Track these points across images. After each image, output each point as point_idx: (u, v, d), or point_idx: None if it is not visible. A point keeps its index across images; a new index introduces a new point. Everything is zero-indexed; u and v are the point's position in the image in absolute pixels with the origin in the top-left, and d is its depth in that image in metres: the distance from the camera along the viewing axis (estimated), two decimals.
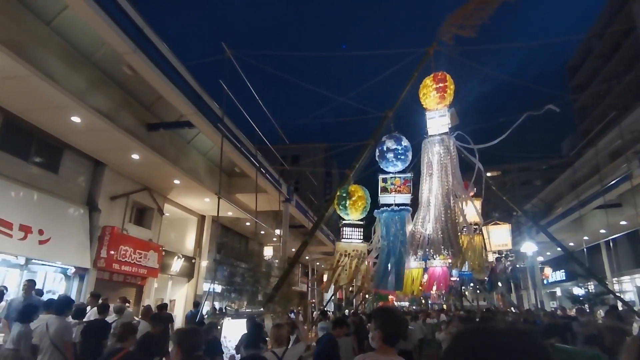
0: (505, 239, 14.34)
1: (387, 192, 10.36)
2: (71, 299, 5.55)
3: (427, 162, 10.03)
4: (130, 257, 12.32)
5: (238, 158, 11.68)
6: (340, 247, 10.45)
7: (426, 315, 17.45)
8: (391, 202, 10.31)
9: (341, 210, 10.65)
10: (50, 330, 4.54)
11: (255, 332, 5.20)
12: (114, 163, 11.45)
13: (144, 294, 13.46)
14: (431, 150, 9.90)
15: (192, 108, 8.85)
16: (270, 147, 11.94)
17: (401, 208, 10.09)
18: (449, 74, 10.49)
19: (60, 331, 4.57)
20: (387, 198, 10.39)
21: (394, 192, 10.25)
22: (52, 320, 4.66)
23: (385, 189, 10.41)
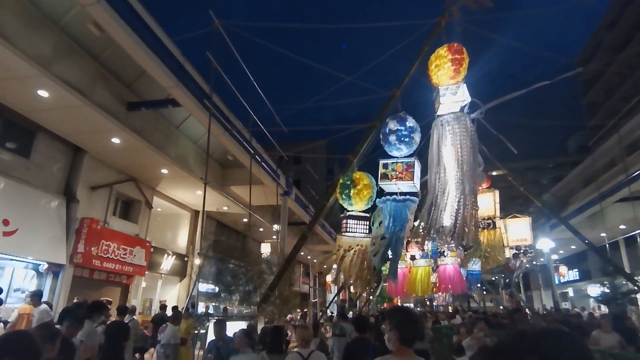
0: (525, 234, 12.99)
1: (387, 179, 9.15)
2: (101, 303, 5.34)
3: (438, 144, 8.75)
4: (114, 253, 11.17)
5: (229, 143, 10.52)
6: (343, 241, 9.21)
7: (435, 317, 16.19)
8: (394, 190, 9.10)
9: (344, 201, 9.41)
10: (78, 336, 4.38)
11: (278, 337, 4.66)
12: (94, 149, 10.32)
13: (130, 293, 12.29)
14: (443, 131, 8.64)
15: (173, 79, 7.72)
16: (265, 131, 10.78)
17: (405, 198, 8.88)
18: None
19: (84, 335, 4.44)
20: (388, 186, 9.20)
21: (395, 179, 9.03)
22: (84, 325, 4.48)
23: (385, 176, 9.19)
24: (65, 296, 9.64)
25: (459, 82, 9.12)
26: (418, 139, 9.56)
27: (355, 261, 9.05)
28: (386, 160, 9.28)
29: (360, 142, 10.31)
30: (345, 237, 9.39)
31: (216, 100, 9.50)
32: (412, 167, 9.00)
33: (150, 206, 13.03)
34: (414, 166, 8.96)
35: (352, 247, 9.21)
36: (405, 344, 1.92)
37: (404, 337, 1.92)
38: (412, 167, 8.97)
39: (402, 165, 9.01)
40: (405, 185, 9.09)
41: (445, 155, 8.47)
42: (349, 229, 9.48)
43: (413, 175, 8.90)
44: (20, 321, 6.61)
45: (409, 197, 8.84)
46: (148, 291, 13.82)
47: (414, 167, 8.96)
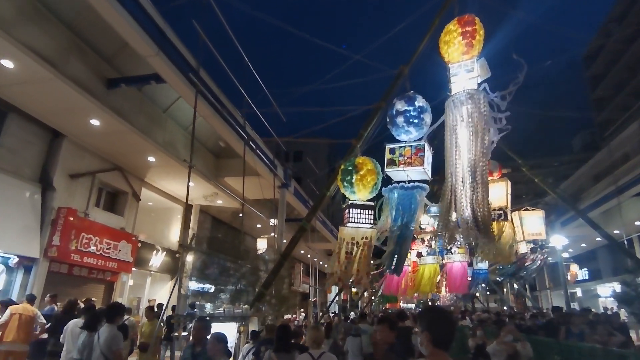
0: (539, 227, 12.05)
1: (394, 165, 8.12)
2: (122, 306, 4.87)
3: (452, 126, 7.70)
4: (96, 247, 10.22)
5: (220, 126, 9.54)
6: (345, 233, 8.24)
7: None
8: (402, 177, 8.07)
9: (346, 188, 8.45)
10: (100, 339, 4.20)
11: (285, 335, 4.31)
12: (72, 132, 9.37)
13: (115, 292, 11.32)
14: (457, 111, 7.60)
15: (152, 47, 6.75)
16: (259, 114, 9.82)
17: (414, 185, 7.85)
18: None
19: (109, 340, 4.20)
20: (395, 173, 8.18)
21: (403, 164, 7.99)
22: (103, 328, 4.30)
23: (392, 162, 8.17)
24: (38, 293, 8.67)
25: (473, 57, 7.96)
26: (429, 120, 8.48)
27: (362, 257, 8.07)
28: (393, 145, 8.23)
29: (364, 126, 9.34)
30: (348, 228, 8.40)
31: (204, 77, 8.54)
32: (422, 150, 7.93)
33: (138, 198, 12.07)
34: (424, 150, 7.89)
35: (356, 240, 8.24)
36: (439, 347, 1.75)
37: (437, 339, 1.76)
38: (422, 150, 7.90)
39: (410, 150, 7.97)
40: (414, 171, 8.03)
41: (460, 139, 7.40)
42: (351, 219, 8.48)
43: (423, 160, 7.84)
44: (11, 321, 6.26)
45: (418, 185, 7.82)
46: (136, 289, 12.85)
47: (424, 151, 7.90)
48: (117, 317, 4.43)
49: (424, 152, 7.92)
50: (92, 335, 4.39)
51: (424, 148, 7.96)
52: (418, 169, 7.94)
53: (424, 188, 7.89)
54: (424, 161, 7.87)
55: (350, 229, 8.27)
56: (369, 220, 8.35)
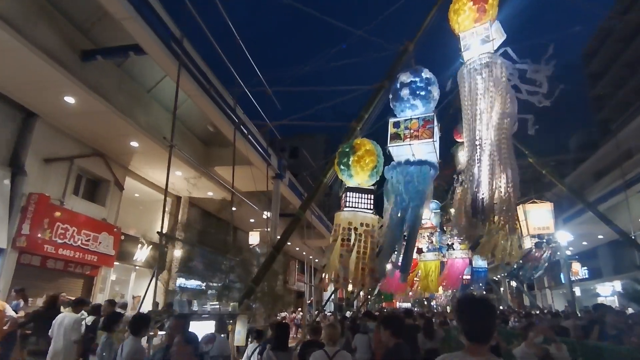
0: (547, 221, 11.32)
1: (399, 140, 7.28)
2: (148, 317, 4.52)
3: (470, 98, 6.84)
4: (73, 238, 9.36)
5: (207, 106, 8.71)
6: (342, 218, 7.43)
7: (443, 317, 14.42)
8: (407, 155, 7.25)
9: (343, 172, 7.64)
10: (123, 353, 3.84)
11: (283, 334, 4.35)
12: (46, 111, 8.51)
13: (96, 287, 10.47)
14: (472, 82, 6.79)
15: (127, 8, 5.93)
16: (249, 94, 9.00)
17: (421, 160, 7.03)
18: None
19: (132, 354, 3.82)
20: (399, 149, 7.36)
21: (409, 138, 7.15)
22: (129, 341, 3.95)
23: (396, 136, 7.32)
24: (6, 287, 7.84)
25: (487, 22, 7.06)
26: (436, 94, 7.61)
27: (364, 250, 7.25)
28: (397, 119, 7.41)
29: (365, 106, 8.55)
30: (345, 212, 7.60)
31: (189, 50, 7.72)
32: (431, 122, 7.05)
33: (121, 187, 11.21)
34: (433, 122, 7.08)
35: (354, 225, 7.43)
36: (474, 341, 1.56)
37: (469, 332, 1.59)
38: (432, 122, 7.04)
39: (418, 122, 7.15)
40: (422, 146, 7.15)
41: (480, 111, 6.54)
42: (349, 204, 7.69)
43: (433, 132, 7.02)
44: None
45: (426, 161, 7.03)
46: (119, 285, 12.00)
47: (434, 123, 7.10)
48: (143, 329, 4.08)
49: (433, 124, 7.12)
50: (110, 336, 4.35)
51: (434, 120, 7.18)
52: (426, 142, 7.11)
53: (434, 165, 7.10)
54: (434, 134, 7.09)
55: (347, 213, 7.46)
56: (368, 205, 7.58)
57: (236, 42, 8.59)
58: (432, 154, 7.32)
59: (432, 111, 7.44)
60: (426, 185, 7.14)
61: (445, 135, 7.91)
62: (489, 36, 6.69)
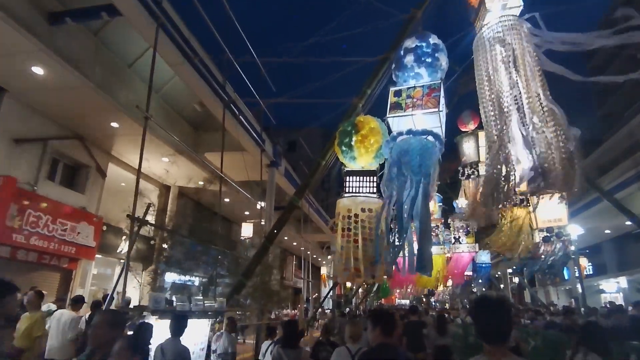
0: (559, 213, 10.48)
1: (399, 110, 6.38)
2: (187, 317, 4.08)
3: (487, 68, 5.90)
4: (47, 227, 8.48)
5: (192, 79, 7.80)
6: (342, 206, 6.56)
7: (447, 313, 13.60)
8: (408, 127, 6.35)
9: (344, 154, 6.78)
10: (167, 356, 3.57)
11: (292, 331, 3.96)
12: (15, 85, 7.59)
13: (75, 281, 9.58)
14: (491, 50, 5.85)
15: None
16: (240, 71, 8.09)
17: (426, 130, 6.12)
18: None
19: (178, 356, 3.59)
20: (400, 120, 6.45)
21: (412, 108, 6.25)
22: (168, 343, 3.68)
23: (397, 106, 6.41)
24: None
25: None
26: (445, 64, 6.73)
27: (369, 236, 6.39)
28: (399, 87, 6.57)
29: (367, 81, 7.71)
30: (345, 199, 6.73)
31: (170, 12, 6.81)
32: (436, 90, 6.18)
33: (104, 174, 10.31)
34: (439, 90, 6.21)
35: (354, 212, 6.57)
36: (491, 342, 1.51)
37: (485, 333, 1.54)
38: (437, 90, 6.23)
39: (422, 90, 6.28)
40: (426, 117, 6.26)
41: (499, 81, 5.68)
42: (350, 189, 6.79)
43: (438, 101, 6.16)
44: None
45: (430, 131, 6.15)
46: (101, 280, 11.10)
47: (440, 92, 6.22)
48: (183, 329, 3.87)
49: (439, 92, 6.24)
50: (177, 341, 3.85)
51: (440, 88, 6.30)
52: (431, 113, 6.24)
53: (439, 138, 6.21)
54: (439, 103, 6.22)
55: (347, 200, 6.59)
56: (370, 188, 6.71)
57: (225, 12, 7.71)
58: (437, 129, 6.47)
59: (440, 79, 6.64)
60: (431, 161, 6.28)
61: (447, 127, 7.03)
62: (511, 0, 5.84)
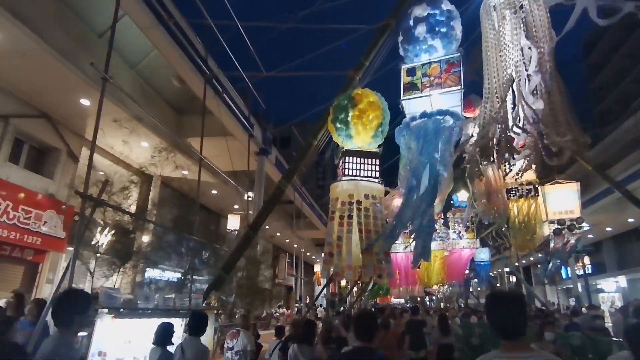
0: (572, 203, 9.61)
1: (415, 90, 5.53)
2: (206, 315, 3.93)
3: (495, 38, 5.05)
4: (7, 214, 7.49)
5: (166, 45, 6.83)
6: (340, 190, 5.65)
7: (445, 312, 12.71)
8: (425, 107, 5.46)
9: (339, 131, 5.86)
10: (186, 355, 3.47)
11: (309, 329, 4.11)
12: None
13: (41, 276, 8.57)
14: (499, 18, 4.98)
15: None
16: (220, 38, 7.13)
17: (441, 111, 5.25)
18: None
19: (199, 356, 3.48)
20: (417, 102, 5.62)
21: (429, 87, 5.39)
22: (188, 342, 3.57)
23: (412, 86, 5.58)
24: None
25: None
26: (459, 33, 5.93)
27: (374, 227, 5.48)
28: (412, 64, 5.72)
29: (366, 52, 6.81)
30: (343, 182, 5.77)
31: None
32: (456, 65, 5.38)
33: (76, 159, 9.30)
34: (459, 64, 5.33)
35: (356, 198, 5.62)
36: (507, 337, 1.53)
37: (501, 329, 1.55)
38: (457, 65, 5.36)
39: (439, 66, 5.41)
40: (446, 97, 5.49)
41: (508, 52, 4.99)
42: (349, 171, 5.85)
43: (459, 77, 5.27)
44: None
45: (447, 110, 5.28)
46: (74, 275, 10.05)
47: (460, 66, 5.33)
48: (202, 328, 3.74)
49: (459, 66, 5.36)
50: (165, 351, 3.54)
51: (460, 61, 5.42)
52: (451, 92, 5.37)
53: (457, 116, 5.31)
54: (460, 80, 5.32)
55: (347, 184, 5.67)
56: (373, 172, 5.80)
57: None
58: (456, 108, 5.57)
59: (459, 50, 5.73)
60: (447, 143, 5.37)
61: None
62: None
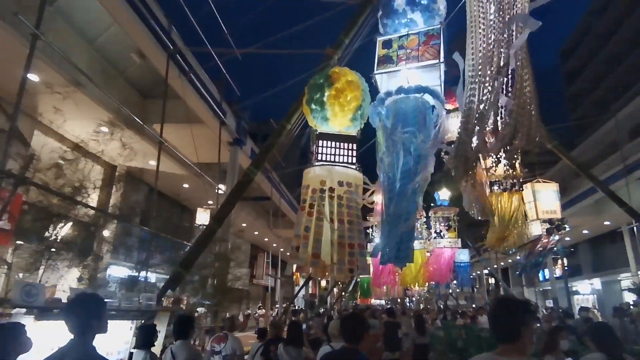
0: (554, 204, 9.28)
1: (390, 64, 4.93)
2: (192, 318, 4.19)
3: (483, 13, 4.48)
4: None
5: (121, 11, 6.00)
6: (312, 176, 4.96)
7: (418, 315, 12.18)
8: (399, 83, 4.85)
9: (314, 113, 5.19)
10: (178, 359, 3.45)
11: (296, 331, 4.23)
12: None
13: None
14: None
15: None
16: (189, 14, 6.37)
17: (420, 87, 4.64)
18: None
19: None
20: (391, 77, 5.02)
21: (405, 60, 4.79)
22: (179, 345, 3.56)
23: (387, 59, 4.98)
24: None
25: None
26: (443, 8, 5.34)
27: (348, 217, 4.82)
28: (389, 36, 5.11)
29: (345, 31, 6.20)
30: (316, 168, 5.08)
31: None
32: (436, 37, 4.78)
33: (27, 142, 8.29)
34: (439, 36, 4.72)
35: (329, 185, 4.93)
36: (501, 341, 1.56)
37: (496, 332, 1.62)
38: (437, 37, 4.75)
39: (417, 38, 4.81)
40: (423, 72, 4.88)
41: None
42: (323, 156, 5.15)
43: (438, 51, 4.66)
44: None
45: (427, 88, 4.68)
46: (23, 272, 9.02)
47: (440, 39, 4.72)
48: (190, 330, 3.74)
49: (439, 39, 4.77)
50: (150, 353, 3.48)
51: (440, 34, 4.82)
52: (429, 66, 4.78)
53: (438, 96, 4.73)
54: (440, 53, 4.73)
55: (320, 169, 5.00)
56: (349, 157, 5.14)
57: None
58: (437, 87, 4.99)
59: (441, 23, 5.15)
60: (428, 124, 4.78)
61: None
62: None
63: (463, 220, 14.75)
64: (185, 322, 3.74)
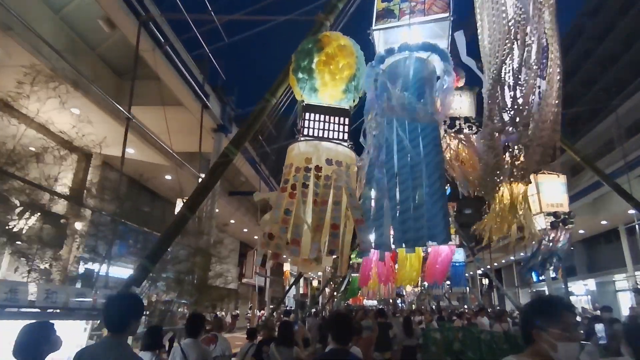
0: (560, 197, 8.63)
1: (391, 18, 4.24)
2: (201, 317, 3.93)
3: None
4: None
5: None
6: (298, 153, 4.20)
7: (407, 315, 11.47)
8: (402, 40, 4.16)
9: (302, 83, 4.41)
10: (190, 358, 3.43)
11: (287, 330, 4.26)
12: None
13: None
14: None
15: None
16: None
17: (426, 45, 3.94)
18: None
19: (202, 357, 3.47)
20: (391, 34, 4.33)
21: (409, 14, 4.11)
22: (189, 344, 3.50)
23: (387, 13, 4.27)
24: None
25: None
26: None
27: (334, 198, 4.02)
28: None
29: None
30: (301, 144, 4.34)
31: None
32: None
33: None
34: None
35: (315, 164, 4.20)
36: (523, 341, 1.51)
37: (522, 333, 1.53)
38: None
39: None
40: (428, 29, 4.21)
41: None
42: (309, 130, 4.40)
43: (448, 4, 3.95)
44: None
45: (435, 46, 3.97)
46: None
47: None
48: (200, 329, 3.73)
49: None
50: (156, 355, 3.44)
51: None
52: (437, 20, 4.12)
53: (446, 56, 4.05)
54: (449, 6, 4.07)
55: (305, 145, 4.27)
56: (340, 133, 4.43)
57: None
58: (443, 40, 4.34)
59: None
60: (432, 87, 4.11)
61: None
62: None
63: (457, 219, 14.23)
64: (197, 321, 3.74)
